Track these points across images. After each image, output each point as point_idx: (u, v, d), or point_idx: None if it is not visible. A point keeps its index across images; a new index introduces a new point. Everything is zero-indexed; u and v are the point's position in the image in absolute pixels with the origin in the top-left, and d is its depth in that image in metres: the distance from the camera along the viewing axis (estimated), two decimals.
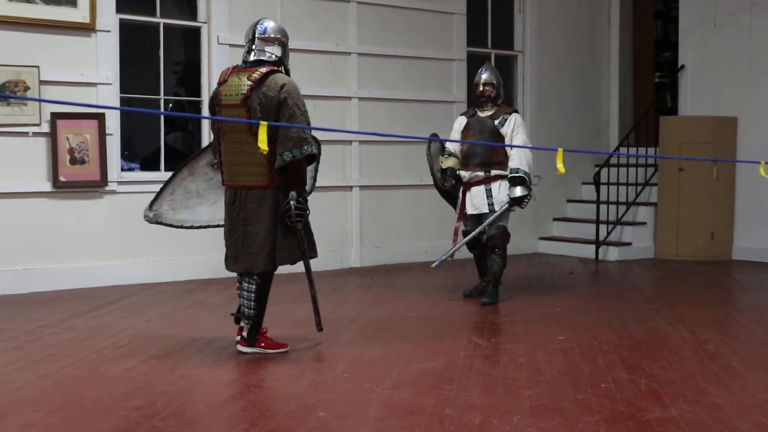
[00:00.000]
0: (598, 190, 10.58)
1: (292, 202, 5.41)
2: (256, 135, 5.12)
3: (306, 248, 5.60)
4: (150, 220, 5.93)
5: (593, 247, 10.55)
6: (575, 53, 11.69)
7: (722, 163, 10.15)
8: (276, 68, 5.55)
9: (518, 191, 7.34)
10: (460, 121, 7.78)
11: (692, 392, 4.75)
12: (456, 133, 7.71)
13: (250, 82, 5.42)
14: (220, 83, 5.60)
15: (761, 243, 10.35)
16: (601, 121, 12.05)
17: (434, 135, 7.73)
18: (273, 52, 5.60)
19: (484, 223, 7.44)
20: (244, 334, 5.64)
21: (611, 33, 12.06)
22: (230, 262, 5.65)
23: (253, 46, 5.60)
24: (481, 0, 10.97)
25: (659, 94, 12.38)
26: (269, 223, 5.46)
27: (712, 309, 7.38)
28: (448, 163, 7.57)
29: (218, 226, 5.89)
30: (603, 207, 10.63)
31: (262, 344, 5.65)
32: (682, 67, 11.21)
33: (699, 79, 11.05)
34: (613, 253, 10.52)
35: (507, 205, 7.39)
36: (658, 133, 10.95)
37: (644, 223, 10.89)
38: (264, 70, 5.47)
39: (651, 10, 12.71)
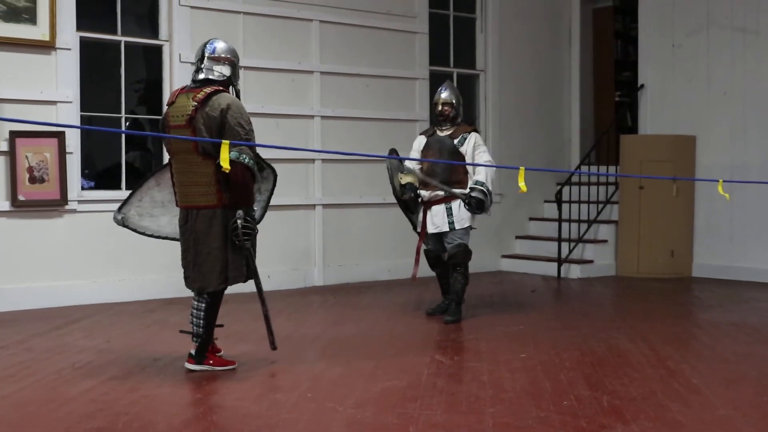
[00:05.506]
0: (559, 208, 10.65)
1: (239, 221, 5.43)
2: (204, 155, 5.40)
3: (255, 266, 5.64)
4: (118, 223, 5.97)
5: (555, 264, 10.60)
6: (537, 72, 11.78)
7: (682, 182, 10.26)
8: (221, 88, 5.58)
9: (475, 193, 7.32)
10: (420, 141, 7.78)
11: (653, 409, 4.79)
12: (416, 152, 7.71)
13: (194, 103, 5.45)
14: (169, 104, 5.67)
15: (720, 260, 10.46)
16: (562, 139, 12.14)
17: (393, 150, 7.71)
18: (222, 71, 5.64)
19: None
20: (192, 351, 5.67)
21: (572, 53, 12.18)
22: (188, 281, 5.68)
23: (202, 66, 5.64)
24: (444, 19, 11.04)
25: (619, 112, 12.51)
26: (220, 242, 5.49)
27: (672, 326, 7.44)
28: (407, 178, 7.55)
29: (176, 239, 5.89)
30: (565, 225, 10.70)
31: (211, 362, 5.68)
32: (642, 86, 11.34)
33: (658, 98, 11.19)
34: (575, 271, 10.58)
35: (467, 208, 7.36)
36: (619, 151, 11.06)
37: (605, 241, 10.97)
38: (208, 90, 5.50)
39: (611, 30, 12.85)
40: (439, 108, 7.67)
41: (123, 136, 8.93)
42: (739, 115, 10.36)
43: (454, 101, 7.66)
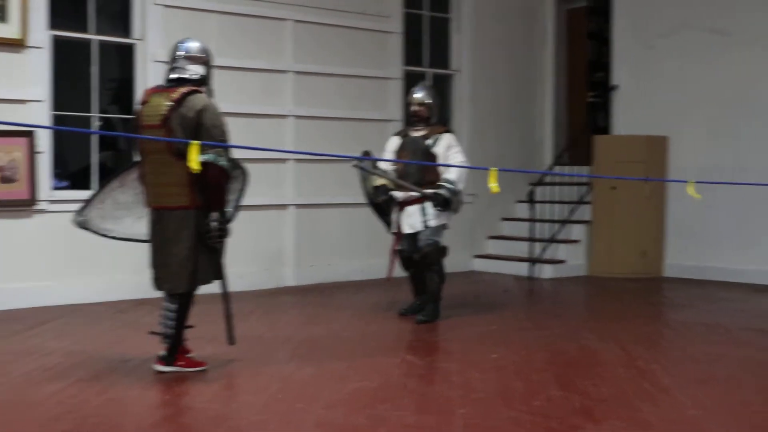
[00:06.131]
0: (532, 208, 10.67)
1: (213, 223, 5.41)
2: (178, 155, 5.31)
3: (223, 266, 5.62)
4: (79, 225, 5.90)
5: (528, 264, 10.62)
6: (511, 73, 11.80)
7: (654, 182, 10.31)
8: (196, 88, 5.53)
9: (443, 190, 7.27)
10: (394, 141, 7.76)
11: (624, 409, 4.80)
12: (389, 153, 7.69)
13: (169, 103, 5.40)
14: (142, 103, 5.61)
15: (691, 260, 10.52)
16: (535, 140, 12.18)
17: (366, 153, 7.69)
18: (196, 71, 5.60)
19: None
20: (162, 352, 5.62)
21: (546, 53, 12.21)
22: (158, 282, 5.64)
23: (176, 65, 5.61)
24: (418, 19, 11.04)
25: (593, 113, 12.55)
26: (192, 242, 5.46)
27: (643, 326, 7.48)
28: (381, 181, 7.54)
29: (141, 241, 5.86)
30: (537, 225, 10.73)
31: (181, 363, 5.64)
32: (615, 87, 11.39)
33: (631, 99, 11.24)
34: (547, 271, 10.61)
35: (433, 205, 7.31)
36: (592, 151, 11.09)
37: (578, 241, 11.01)
38: (184, 90, 5.46)
39: (585, 31, 12.90)
40: (413, 108, 7.64)
41: (95, 136, 8.85)
42: (710, 116, 10.43)
43: (429, 102, 7.63)
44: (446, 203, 7.32)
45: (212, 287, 5.79)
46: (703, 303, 8.71)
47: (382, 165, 7.60)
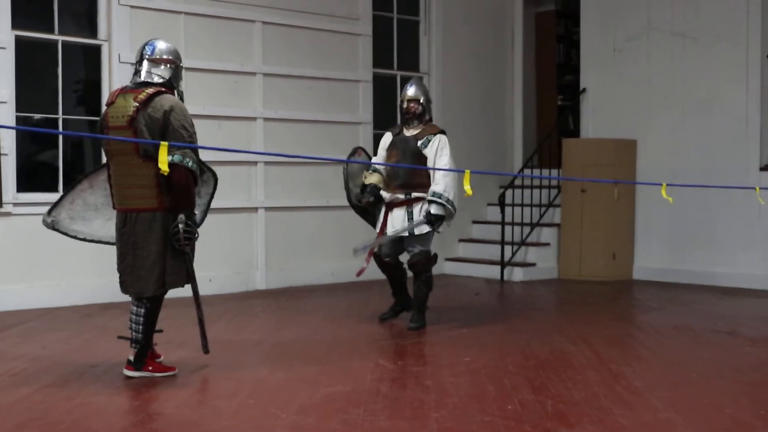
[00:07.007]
0: (502, 211, 10.67)
1: (180, 225, 5.35)
2: (144, 157, 5.31)
3: (193, 271, 5.56)
4: (48, 226, 5.82)
5: (498, 268, 10.63)
6: (480, 76, 11.81)
7: (623, 185, 10.34)
8: (163, 89, 5.48)
9: (434, 208, 7.08)
10: (386, 138, 7.57)
11: (596, 412, 4.80)
12: (381, 150, 7.53)
13: (136, 104, 5.36)
14: (108, 104, 5.56)
15: (660, 263, 10.58)
16: (505, 142, 12.19)
17: (359, 149, 7.59)
18: (161, 74, 5.55)
19: (401, 229, 7.22)
20: (131, 357, 5.55)
21: (515, 56, 12.23)
22: (124, 285, 5.59)
23: (141, 68, 5.56)
24: (387, 22, 11.02)
25: (562, 116, 12.59)
26: (159, 245, 5.41)
27: (614, 328, 7.50)
28: (372, 179, 7.39)
29: (110, 243, 5.80)
30: (508, 228, 10.74)
31: (150, 368, 5.58)
32: (584, 90, 11.43)
33: (600, 102, 11.29)
34: (518, 274, 10.62)
35: (423, 221, 7.15)
36: (561, 154, 11.12)
37: (548, 244, 11.03)
38: (150, 91, 5.41)
39: (553, 34, 12.94)
40: (405, 105, 7.41)
41: (60, 137, 8.75)
42: (678, 119, 10.49)
43: (421, 98, 7.40)
44: (440, 220, 7.17)
45: (181, 291, 5.73)
46: (672, 306, 8.75)
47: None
